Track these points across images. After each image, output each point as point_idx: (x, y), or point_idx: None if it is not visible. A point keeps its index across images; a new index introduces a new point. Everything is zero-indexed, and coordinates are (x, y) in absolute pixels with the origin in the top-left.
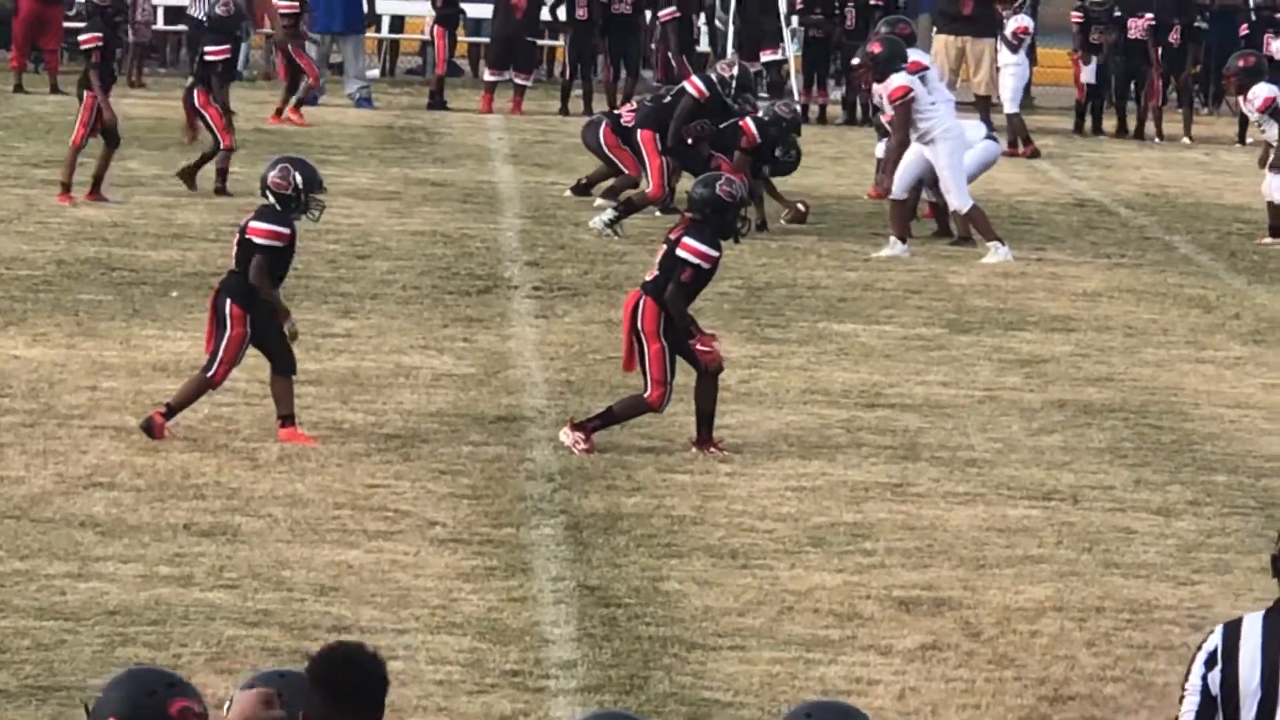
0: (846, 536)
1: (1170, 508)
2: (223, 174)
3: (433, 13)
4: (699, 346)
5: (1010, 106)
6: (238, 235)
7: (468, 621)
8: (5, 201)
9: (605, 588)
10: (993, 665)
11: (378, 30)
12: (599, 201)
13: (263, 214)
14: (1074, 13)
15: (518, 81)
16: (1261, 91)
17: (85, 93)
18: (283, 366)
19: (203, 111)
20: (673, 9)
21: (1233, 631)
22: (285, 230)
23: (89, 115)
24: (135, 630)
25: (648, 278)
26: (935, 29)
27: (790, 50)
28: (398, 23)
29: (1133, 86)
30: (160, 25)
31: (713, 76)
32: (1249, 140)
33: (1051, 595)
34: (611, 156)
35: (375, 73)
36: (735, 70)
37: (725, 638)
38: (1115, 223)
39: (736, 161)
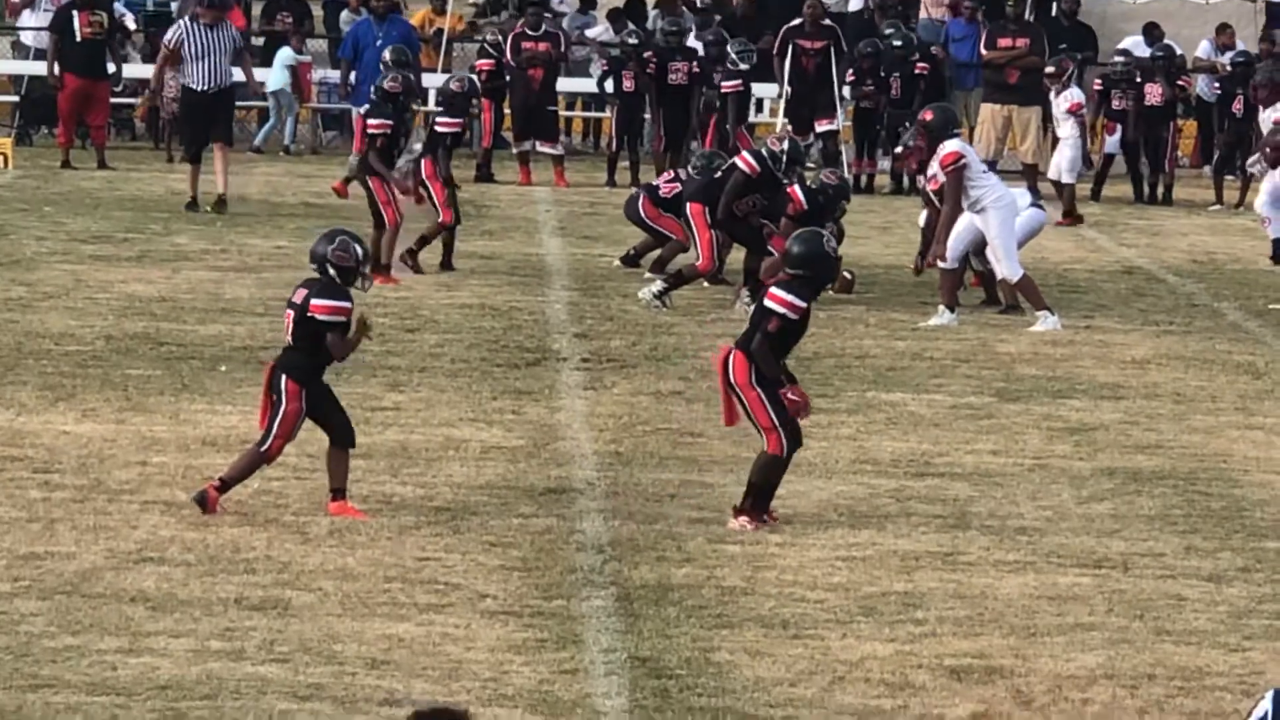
0: (897, 606)
1: (1221, 574)
2: (443, 247)
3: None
4: (789, 395)
5: (1068, 177)
6: (293, 312)
7: (519, 694)
8: (54, 277)
9: (656, 659)
10: None
11: (424, 103)
12: (648, 274)
13: (324, 290)
14: (1096, 80)
15: (546, 151)
16: None
17: (370, 179)
18: (342, 439)
19: (427, 184)
20: (738, 81)
21: None
22: (348, 304)
23: (387, 194)
24: (187, 705)
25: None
26: (983, 98)
27: (840, 121)
28: None
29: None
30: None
31: (763, 151)
32: None
33: (1103, 663)
34: (655, 227)
35: (420, 146)
36: (786, 145)
37: (777, 708)
38: (1163, 290)
39: (784, 229)
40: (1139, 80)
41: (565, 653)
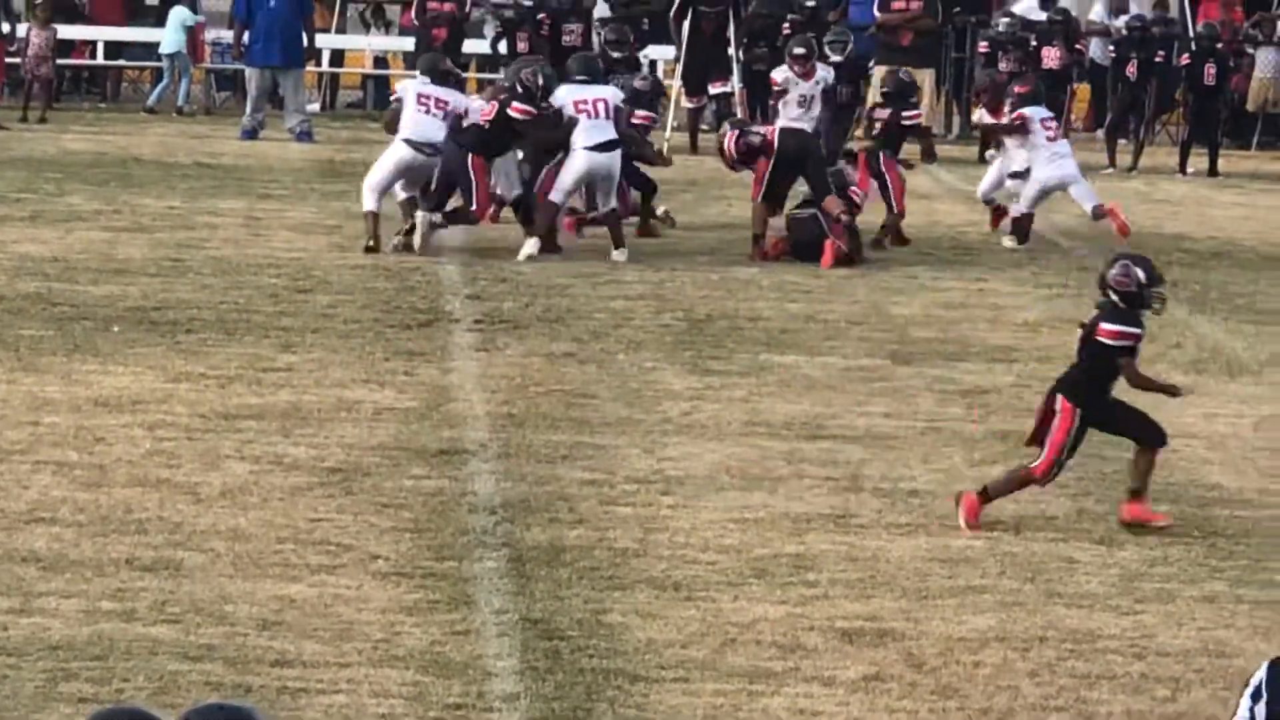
0: (789, 568)
1: (1112, 537)
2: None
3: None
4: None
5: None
6: (1081, 331)
7: (410, 655)
8: None
9: (548, 620)
10: (936, 696)
11: (318, 65)
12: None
13: (1113, 315)
14: (981, 42)
15: None
16: None
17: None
18: (1150, 439)
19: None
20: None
21: (1277, 666)
22: (1137, 330)
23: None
24: (78, 665)
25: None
26: (876, 60)
27: (736, 83)
28: (338, 57)
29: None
30: (102, 60)
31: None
32: (1189, 170)
33: (994, 625)
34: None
35: (315, 107)
36: (539, 78)
37: (668, 670)
38: (1056, 253)
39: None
40: (1035, 44)
41: (457, 614)
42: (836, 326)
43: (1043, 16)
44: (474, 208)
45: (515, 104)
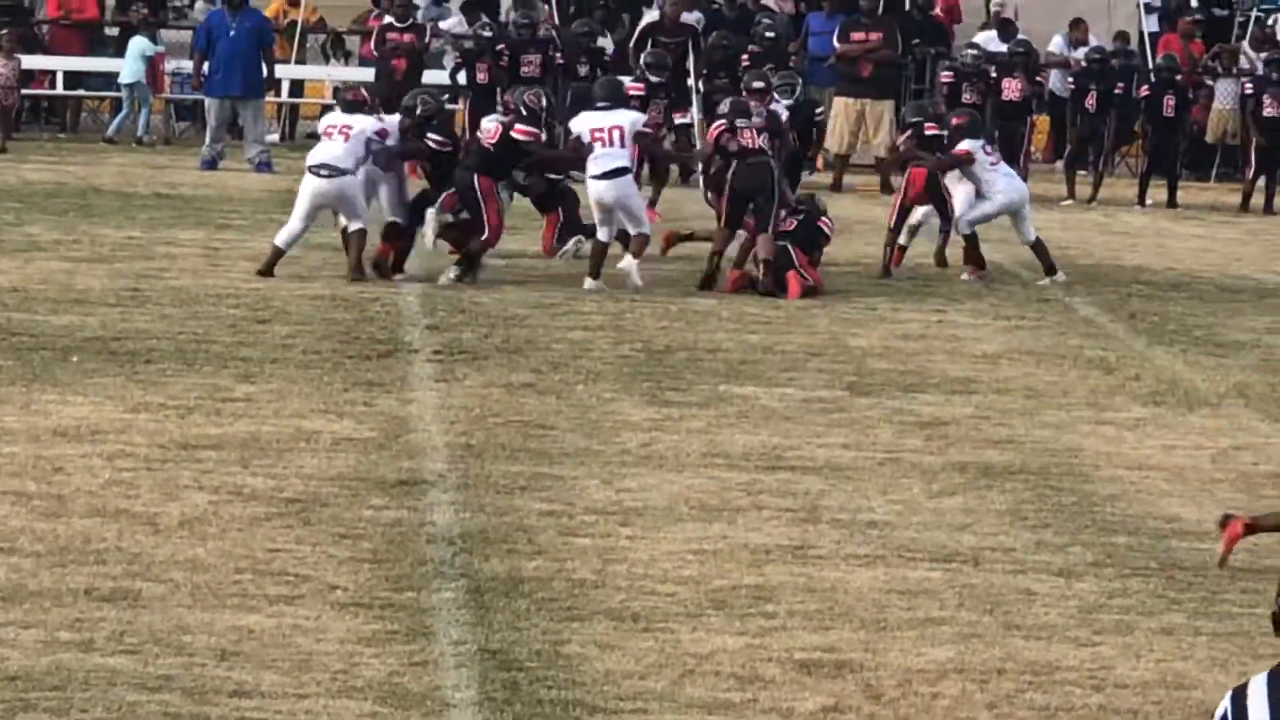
0: (747, 599)
1: (1071, 569)
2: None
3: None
4: None
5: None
6: None
7: (369, 686)
8: None
9: (506, 651)
10: None
11: (278, 95)
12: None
13: None
14: (944, 72)
15: None
16: None
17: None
18: None
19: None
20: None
21: (1240, 695)
22: None
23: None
24: (36, 696)
25: None
26: (835, 92)
27: (695, 114)
28: (297, 87)
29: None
30: (61, 90)
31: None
32: (1148, 202)
33: (953, 657)
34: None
35: (275, 137)
36: (543, 100)
37: (626, 701)
38: (1015, 284)
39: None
40: (995, 75)
41: (415, 645)
42: (795, 358)
43: (1003, 48)
44: (485, 233)
45: (519, 126)
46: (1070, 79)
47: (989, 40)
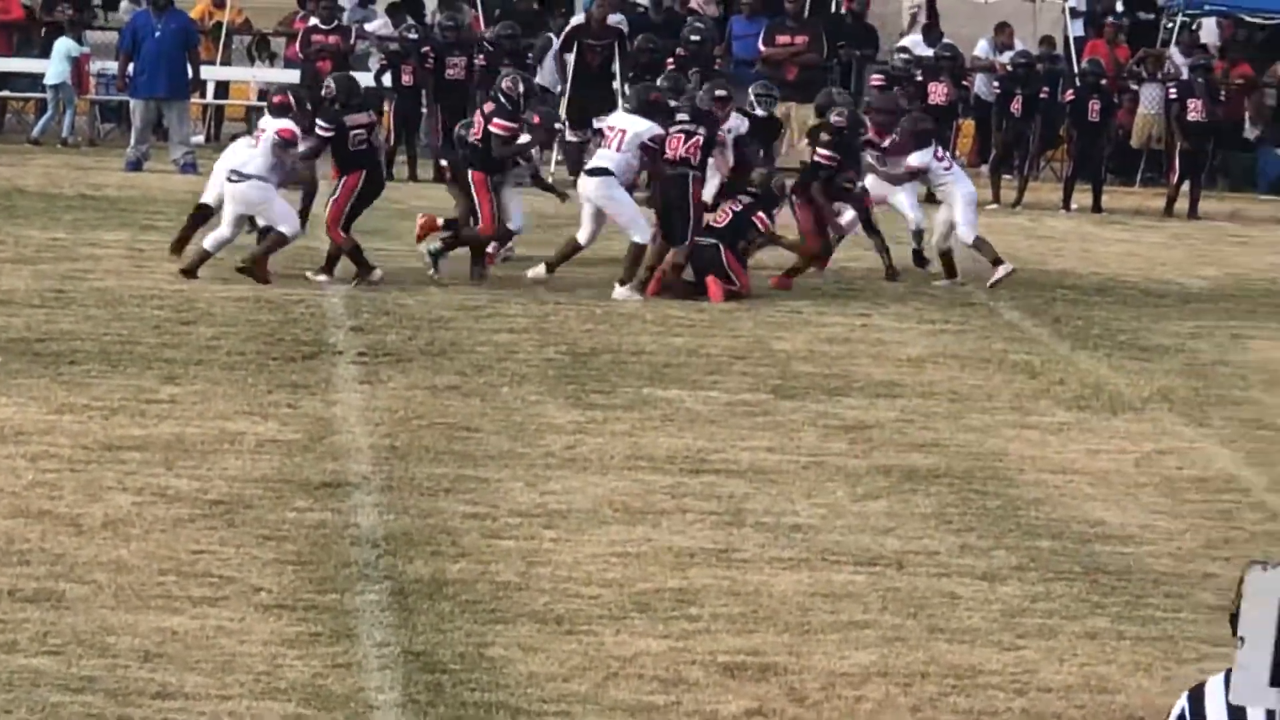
0: (671, 602)
1: (995, 573)
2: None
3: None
4: None
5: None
6: None
7: (292, 688)
8: None
9: (430, 654)
10: None
11: (203, 96)
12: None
13: None
14: (874, 75)
15: None
16: None
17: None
18: None
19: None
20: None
21: (1197, 695)
22: None
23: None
24: None
25: None
26: None
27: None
28: (223, 89)
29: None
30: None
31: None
32: (1073, 206)
33: (876, 661)
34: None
35: (200, 139)
36: (519, 87)
37: (550, 704)
38: (940, 288)
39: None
40: (920, 79)
41: (339, 647)
42: (719, 361)
43: (929, 51)
44: (479, 222)
45: (496, 120)
46: (996, 83)
47: (915, 44)
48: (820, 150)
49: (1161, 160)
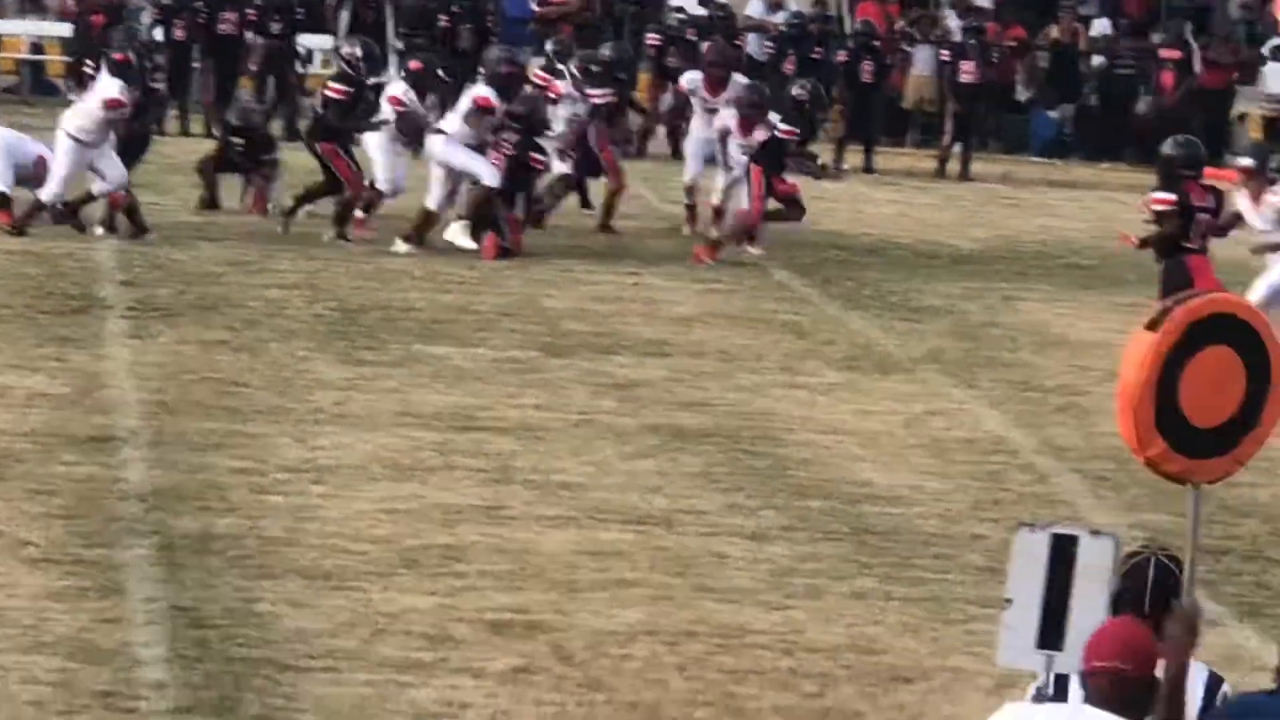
0: (439, 559)
1: (763, 533)
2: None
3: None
4: None
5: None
6: None
7: (59, 642)
8: None
9: (197, 609)
10: (584, 689)
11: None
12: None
13: None
14: (651, 35)
15: None
16: None
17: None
18: None
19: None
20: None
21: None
22: None
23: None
24: None
25: None
26: (534, 54)
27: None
28: None
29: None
30: None
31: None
32: (845, 167)
33: (643, 619)
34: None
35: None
36: (358, 49)
37: (317, 659)
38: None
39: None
40: (694, 39)
41: (106, 601)
42: (488, 318)
43: (704, 11)
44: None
45: (331, 84)
46: (769, 43)
47: (690, 4)
48: (781, 125)
49: (934, 122)
